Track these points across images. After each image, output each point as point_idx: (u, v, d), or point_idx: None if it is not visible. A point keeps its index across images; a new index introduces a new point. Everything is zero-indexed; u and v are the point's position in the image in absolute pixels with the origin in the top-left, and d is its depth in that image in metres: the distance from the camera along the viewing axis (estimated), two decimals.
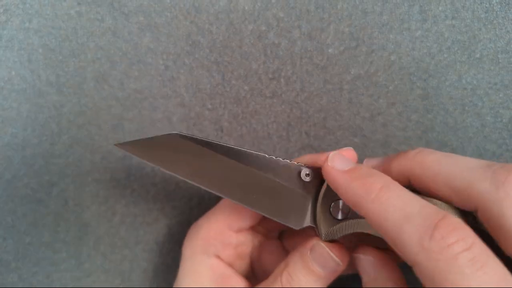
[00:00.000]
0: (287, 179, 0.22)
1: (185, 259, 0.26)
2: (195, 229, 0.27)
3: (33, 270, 0.33)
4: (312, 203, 0.23)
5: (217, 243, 0.26)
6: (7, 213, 0.32)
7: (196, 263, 0.26)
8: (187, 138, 0.22)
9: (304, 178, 0.23)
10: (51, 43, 0.31)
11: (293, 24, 0.31)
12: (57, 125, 0.32)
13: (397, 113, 0.32)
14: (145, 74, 0.32)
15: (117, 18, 0.31)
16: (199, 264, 0.26)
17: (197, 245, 0.26)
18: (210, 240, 0.26)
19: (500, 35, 0.31)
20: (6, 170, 0.32)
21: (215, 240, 0.26)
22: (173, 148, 0.22)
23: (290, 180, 0.23)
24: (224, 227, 0.26)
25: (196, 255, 0.26)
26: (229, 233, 0.26)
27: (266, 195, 0.22)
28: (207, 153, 0.22)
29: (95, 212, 0.32)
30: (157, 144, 0.22)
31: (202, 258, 0.26)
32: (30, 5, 0.31)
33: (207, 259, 0.26)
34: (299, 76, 0.32)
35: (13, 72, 0.31)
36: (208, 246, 0.26)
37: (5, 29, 0.31)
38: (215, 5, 0.31)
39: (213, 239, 0.26)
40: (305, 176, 0.23)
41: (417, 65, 0.31)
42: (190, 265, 0.26)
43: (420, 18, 0.31)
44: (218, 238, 0.26)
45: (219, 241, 0.26)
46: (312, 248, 0.23)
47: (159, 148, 0.22)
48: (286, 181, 0.22)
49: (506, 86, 0.31)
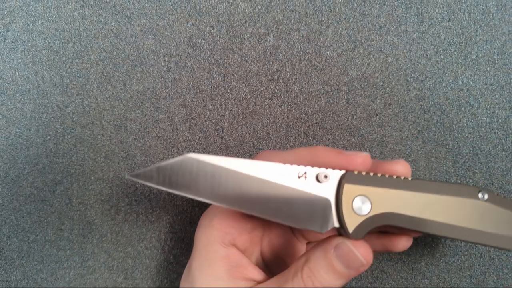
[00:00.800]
0: (305, 185, 0.22)
1: (200, 249, 0.26)
2: (209, 218, 0.26)
3: (37, 268, 0.33)
4: (334, 204, 0.22)
5: (234, 230, 0.25)
6: (12, 211, 0.32)
7: (212, 253, 0.25)
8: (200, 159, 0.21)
9: (322, 181, 0.22)
10: (54, 45, 0.32)
11: (292, 26, 0.31)
12: (61, 125, 0.32)
13: (394, 113, 0.32)
14: (148, 75, 0.32)
15: (120, 20, 0.32)
16: (215, 253, 0.25)
17: (213, 235, 0.25)
18: (227, 228, 0.25)
19: (496, 37, 0.32)
20: (11, 170, 0.32)
21: (232, 227, 0.25)
22: (188, 171, 0.21)
23: (308, 185, 0.22)
24: (238, 213, 0.25)
25: (211, 245, 0.25)
26: (245, 218, 0.26)
27: (285, 204, 0.22)
28: (221, 171, 0.21)
29: (98, 210, 0.32)
30: (170, 169, 0.21)
31: (218, 248, 0.25)
32: (33, 7, 0.31)
33: (223, 249, 0.25)
34: (298, 78, 0.32)
35: (17, 73, 0.32)
36: (224, 235, 0.25)
37: (9, 30, 0.31)
38: (216, 8, 0.31)
39: (229, 227, 0.25)
40: (324, 178, 0.22)
41: (414, 66, 0.32)
42: (206, 255, 0.25)
43: (417, 20, 0.31)
44: (234, 225, 0.26)
45: (235, 229, 0.26)
46: (337, 247, 0.22)
47: (173, 173, 0.21)
48: (303, 187, 0.22)
49: (502, 87, 0.32)
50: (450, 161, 0.32)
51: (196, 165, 0.21)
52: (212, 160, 0.21)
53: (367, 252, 0.22)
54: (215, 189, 0.21)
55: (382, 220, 0.22)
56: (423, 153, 0.32)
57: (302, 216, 0.22)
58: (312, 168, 0.22)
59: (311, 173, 0.22)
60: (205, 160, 0.21)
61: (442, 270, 0.32)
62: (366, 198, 0.22)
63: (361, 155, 0.23)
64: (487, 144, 0.32)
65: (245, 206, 0.21)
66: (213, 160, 0.21)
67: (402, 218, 0.22)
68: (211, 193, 0.21)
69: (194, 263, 0.25)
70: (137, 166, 0.32)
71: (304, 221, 0.22)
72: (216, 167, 0.21)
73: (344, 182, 0.22)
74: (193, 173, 0.21)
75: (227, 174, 0.21)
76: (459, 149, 0.32)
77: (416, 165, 0.32)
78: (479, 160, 0.32)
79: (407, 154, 0.32)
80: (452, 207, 0.23)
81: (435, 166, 0.32)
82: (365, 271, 0.33)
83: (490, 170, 0.32)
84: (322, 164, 0.23)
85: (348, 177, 0.22)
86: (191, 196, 0.21)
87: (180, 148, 0.32)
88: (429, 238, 0.32)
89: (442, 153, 0.32)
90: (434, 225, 0.23)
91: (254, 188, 0.22)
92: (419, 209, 0.22)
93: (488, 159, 0.32)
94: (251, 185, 0.21)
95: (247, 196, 0.21)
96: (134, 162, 0.32)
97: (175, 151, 0.32)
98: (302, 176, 0.22)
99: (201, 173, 0.21)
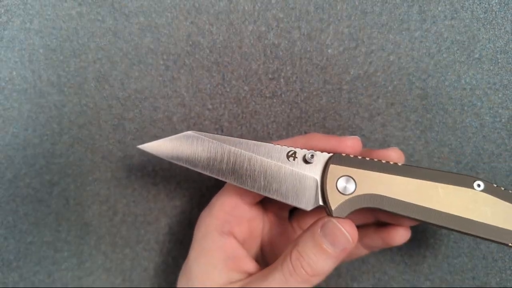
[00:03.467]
0: (293, 164, 0.24)
1: (198, 239, 0.26)
2: (208, 209, 0.27)
3: (34, 269, 0.33)
4: (320, 183, 0.24)
5: (232, 218, 0.26)
6: (9, 212, 0.32)
7: (209, 242, 0.26)
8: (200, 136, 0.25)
9: (309, 161, 0.24)
10: (52, 44, 0.32)
11: (292, 24, 0.31)
12: (58, 125, 0.32)
13: (396, 113, 0.32)
14: (146, 74, 0.32)
15: (117, 18, 0.31)
16: (212, 243, 0.25)
17: (211, 224, 0.26)
18: (226, 215, 0.26)
19: (499, 35, 0.31)
20: (7, 170, 0.32)
21: (230, 215, 0.26)
22: (189, 145, 0.24)
23: (296, 164, 0.24)
24: (238, 201, 0.26)
25: (209, 234, 0.26)
26: (243, 207, 0.26)
27: (274, 180, 0.24)
28: (217, 147, 0.24)
29: (96, 211, 0.32)
30: (174, 143, 0.25)
31: (216, 237, 0.26)
32: (31, 5, 0.31)
33: (220, 238, 0.26)
34: (298, 76, 0.32)
35: (14, 72, 0.32)
36: (223, 223, 0.26)
37: (6, 29, 0.31)
38: (215, 6, 0.31)
39: (227, 215, 0.26)
40: (311, 158, 0.24)
41: (416, 65, 0.31)
42: (203, 245, 0.26)
43: (419, 19, 0.31)
44: (232, 213, 0.26)
45: (233, 216, 0.26)
46: (323, 225, 0.23)
47: (176, 147, 0.25)
48: (292, 166, 0.24)
49: (505, 86, 0.31)
50: (453, 161, 0.32)
51: (196, 141, 0.24)
52: (209, 137, 0.24)
53: (352, 229, 0.23)
54: (211, 163, 0.24)
55: (367, 201, 0.23)
56: (426, 153, 0.32)
57: (289, 193, 0.24)
58: (301, 149, 0.24)
59: (299, 154, 0.24)
60: (203, 137, 0.24)
61: (444, 272, 0.32)
62: (350, 179, 0.23)
63: (350, 138, 0.25)
64: (490, 144, 0.32)
65: (238, 180, 0.24)
66: (210, 137, 0.24)
67: (388, 202, 0.23)
68: (208, 166, 0.24)
69: (191, 253, 0.26)
70: (135, 166, 0.32)
71: (292, 198, 0.24)
72: (213, 143, 0.24)
73: (330, 163, 0.23)
74: (193, 148, 0.24)
75: (222, 150, 0.24)
76: (462, 149, 0.32)
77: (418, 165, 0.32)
78: (482, 160, 0.32)
79: (410, 154, 0.32)
80: (444, 194, 0.23)
81: (438, 166, 0.32)
82: (367, 273, 0.32)
83: (494, 170, 0.31)
84: (315, 148, 0.25)
85: (334, 159, 0.24)
86: (191, 167, 0.24)
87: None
88: (432, 239, 0.32)
89: (445, 153, 0.32)
90: (424, 211, 0.23)
91: (245, 164, 0.24)
92: (407, 194, 0.23)
93: (491, 159, 0.31)
94: (243, 160, 0.24)
95: (239, 171, 0.24)
96: (132, 162, 0.32)
97: None
98: (291, 156, 0.24)
99: (200, 148, 0.24)
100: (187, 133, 0.25)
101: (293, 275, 0.23)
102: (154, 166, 0.32)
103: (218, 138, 0.24)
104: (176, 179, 0.33)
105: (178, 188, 0.33)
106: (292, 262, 0.23)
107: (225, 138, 0.24)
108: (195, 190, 0.33)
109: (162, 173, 0.32)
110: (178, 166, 0.33)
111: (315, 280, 0.23)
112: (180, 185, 0.33)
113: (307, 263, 0.23)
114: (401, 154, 0.25)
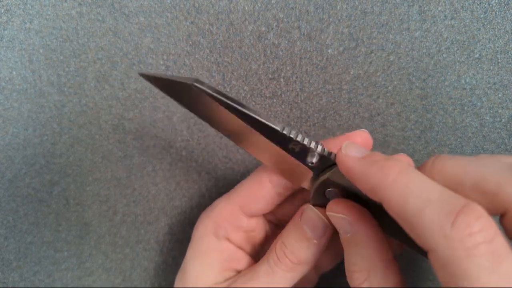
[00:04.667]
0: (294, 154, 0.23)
1: (195, 240, 0.26)
2: (208, 211, 0.27)
3: (34, 269, 0.33)
4: (312, 180, 0.23)
5: (228, 225, 0.26)
6: (9, 212, 0.32)
7: (206, 243, 0.26)
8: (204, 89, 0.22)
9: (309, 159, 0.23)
10: (52, 44, 0.32)
11: (292, 24, 0.31)
12: (58, 124, 0.32)
13: (396, 113, 0.32)
14: None
15: (117, 18, 0.31)
16: (208, 244, 0.26)
17: (208, 226, 0.26)
18: (222, 221, 0.26)
19: (499, 35, 0.31)
20: (8, 170, 0.32)
21: (226, 222, 0.26)
22: (192, 93, 0.22)
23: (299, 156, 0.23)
24: (237, 210, 0.26)
25: (206, 236, 0.26)
26: (241, 217, 0.26)
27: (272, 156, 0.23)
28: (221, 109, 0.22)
29: (96, 211, 0.32)
30: (177, 84, 0.22)
31: (212, 240, 0.26)
32: (31, 5, 0.31)
33: (217, 241, 0.26)
34: (298, 77, 0.32)
35: (14, 72, 0.32)
36: (218, 228, 0.26)
37: (6, 29, 0.31)
38: (215, 6, 0.31)
39: (224, 221, 0.26)
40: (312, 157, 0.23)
41: (416, 65, 0.31)
42: (200, 246, 0.26)
43: (419, 18, 0.31)
44: (229, 220, 0.26)
45: (230, 224, 0.26)
46: (303, 213, 0.23)
47: (178, 89, 0.22)
48: (292, 154, 0.23)
49: (505, 86, 0.31)
50: None
51: (200, 93, 0.22)
52: (215, 95, 0.22)
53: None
54: (211, 116, 0.22)
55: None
56: (426, 153, 0.32)
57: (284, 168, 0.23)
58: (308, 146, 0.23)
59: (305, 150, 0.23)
60: (208, 94, 0.22)
61: None
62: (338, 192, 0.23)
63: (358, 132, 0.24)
64: (490, 144, 0.32)
65: (238, 141, 0.23)
66: (216, 95, 0.22)
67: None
68: (207, 117, 0.23)
69: (188, 253, 0.26)
70: (135, 166, 0.32)
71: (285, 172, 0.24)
72: (216, 104, 0.22)
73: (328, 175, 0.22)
74: (195, 97, 0.22)
75: (227, 116, 0.22)
76: (462, 149, 0.32)
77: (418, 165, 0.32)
78: None
79: (410, 154, 0.32)
80: None
81: None
82: None
83: None
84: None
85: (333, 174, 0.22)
86: (189, 110, 0.23)
87: (179, 148, 0.32)
88: None
89: (445, 153, 0.32)
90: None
91: (246, 136, 0.22)
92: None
93: None
94: (245, 132, 0.22)
95: (240, 137, 0.23)
96: (132, 162, 0.32)
97: (174, 151, 0.32)
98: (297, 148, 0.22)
99: (201, 100, 0.22)
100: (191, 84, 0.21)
101: (278, 265, 0.23)
102: (154, 166, 0.32)
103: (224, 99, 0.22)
104: (176, 179, 0.33)
105: (178, 188, 0.33)
106: (277, 252, 0.23)
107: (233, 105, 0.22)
108: (195, 190, 0.33)
109: (162, 173, 0.33)
110: (178, 166, 0.33)
111: (301, 269, 0.23)
112: (180, 185, 0.33)
113: (290, 250, 0.23)
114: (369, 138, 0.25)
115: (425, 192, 0.17)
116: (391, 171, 0.18)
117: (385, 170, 0.18)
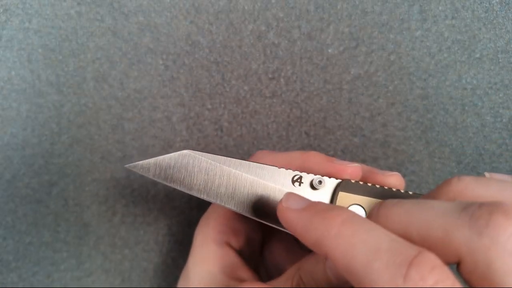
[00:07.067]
0: (299, 190, 0.22)
1: (196, 246, 0.26)
2: (207, 217, 0.27)
3: (33, 270, 0.32)
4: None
5: (228, 229, 0.26)
6: (7, 213, 0.32)
7: (206, 251, 0.25)
8: (196, 155, 0.22)
9: (317, 187, 0.22)
10: (51, 43, 0.31)
11: (292, 24, 0.31)
12: (57, 125, 0.32)
13: (397, 113, 0.32)
14: (145, 74, 0.32)
15: (116, 18, 0.31)
16: (208, 252, 0.25)
17: (208, 233, 0.26)
18: (221, 227, 0.26)
19: (500, 35, 0.31)
20: (6, 170, 0.32)
21: (226, 226, 0.26)
22: (184, 166, 0.22)
23: (303, 190, 0.22)
24: (234, 213, 0.26)
25: (207, 243, 0.26)
26: (239, 219, 0.26)
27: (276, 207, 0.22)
28: (216, 168, 0.22)
29: (95, 212, 0.32)
30: (167, 163, 0.22)
31: (213, 247, 0.25)
32: (30, 5, 0.31)
33: (217, 248, 0.25)
34: (298, 76, 0.32)
35: (13, 72, 0.31)
36: (218, 233, 0.26)
37: (5, 29, 0.31)
38: (215, 5, 0.31)
39: (224, 226, 0.26)
40: (318, 184, 0.22)
41: (417, 65, 0.31)
42: (200, 253, 0.26)
43: (420, 18, 0.31)
44: (228, 224, 0.26)
45: (229, 228, 0.26)
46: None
47: (169, 167, 0.22)
48: (298, 191, 0.22)
49: (506, 86, 0.31)
50: (454, 162, 0.32)
51: (192, 161, 0.22)
52: (208, 158, 0.22)
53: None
54: (209, 186, 0.22)
55: None
56: (426, 153, 0.32)
57: None
58: (307, 174, 0.22)
59: (306, 179, 0.22)
60: (200, 157, 0.22)
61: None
62: (360, 207, 0.22)
63: (351, 165, 0.23)
64: (491, 144, 0.31)
65: (238, 206, 0.22)
66: (208, 157, 0.22)
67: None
68: (205, 189, 0.22)
69: (190, 260, 0.26)
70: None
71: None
72: (211, 164, 0.22)
73: (339, 190, 0.22)
74: (189, 169, 0.22)
75: (222, 173, 0.22)
76: (463, 149, 0.31)
77: (419, 166, 0.32)
78: (483, 161, 0.31)
79: (410, 154, 0.32)
80: None
81: (438, 166, 0.31)
82: None
83: (495, 170, 0.31)
84: (312, 169, 0.23)
85: (343, 186, 0.22)
86: (185, 190, 0.22)
87: (178, 148, 0.32)
88: None
89: (446, 153, 0.32)
90: None
91: (247, 188, 0.22)
92: None
93: (492, 159, 0.31)
94: (244, 184, 0.22)
95: (240, 196, 0.22)
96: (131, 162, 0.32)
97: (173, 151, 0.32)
98: (297, 181, 0.22)
99: (196, 169, 0.22)
100: (183, 152, 0.22)
101: None
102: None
103: (218, 159, 0.22)
104: None
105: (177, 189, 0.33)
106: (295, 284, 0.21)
107: (225, 159, 0.22)
108: None
109: None
110: None
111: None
112: None
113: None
114: (402, 181, 0.24)
115: (373, 243, 0.15)
116: (334, 221, 0.16)
117: (327, 221, 0.17)
